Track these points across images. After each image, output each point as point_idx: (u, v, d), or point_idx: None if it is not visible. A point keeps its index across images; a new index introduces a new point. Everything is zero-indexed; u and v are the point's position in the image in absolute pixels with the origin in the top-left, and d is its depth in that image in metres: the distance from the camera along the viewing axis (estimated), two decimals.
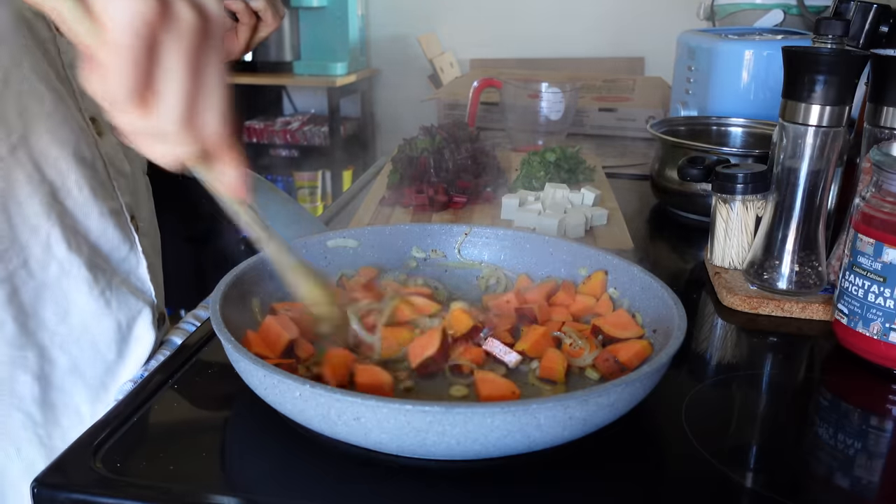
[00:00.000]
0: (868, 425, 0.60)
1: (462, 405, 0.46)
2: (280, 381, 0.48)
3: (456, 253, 0.76)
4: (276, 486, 0.49)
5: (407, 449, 0.48)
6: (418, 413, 0.45)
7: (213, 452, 0.53)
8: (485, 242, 0.76)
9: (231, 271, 0.63)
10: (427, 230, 0.76)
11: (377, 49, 3.46)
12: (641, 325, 0.64)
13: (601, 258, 0.70)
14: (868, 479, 0.53)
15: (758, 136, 1.13)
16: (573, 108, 1.45)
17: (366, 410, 0.46)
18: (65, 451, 0.51)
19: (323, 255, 0.72)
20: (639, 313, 0.65)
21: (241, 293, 0.62)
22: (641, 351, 0.59)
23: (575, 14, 3.26)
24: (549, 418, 0.47)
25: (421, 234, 0.76)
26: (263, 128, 3.26)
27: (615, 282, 0.69)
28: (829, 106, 0.71)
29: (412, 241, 0.76)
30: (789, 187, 0.75)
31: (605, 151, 1.49)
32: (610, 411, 0.50)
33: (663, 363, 0.52)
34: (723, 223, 0.83)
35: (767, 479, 0.51)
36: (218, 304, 0.57)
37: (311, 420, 0.49)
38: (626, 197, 1.12)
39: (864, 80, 0.75)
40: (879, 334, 0.64)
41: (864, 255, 0.64)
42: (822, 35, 0.71)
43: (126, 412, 0.55)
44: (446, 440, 0.46)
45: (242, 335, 0.58)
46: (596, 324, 0.64)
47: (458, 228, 0.77)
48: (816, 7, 1.48)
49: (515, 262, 0.75)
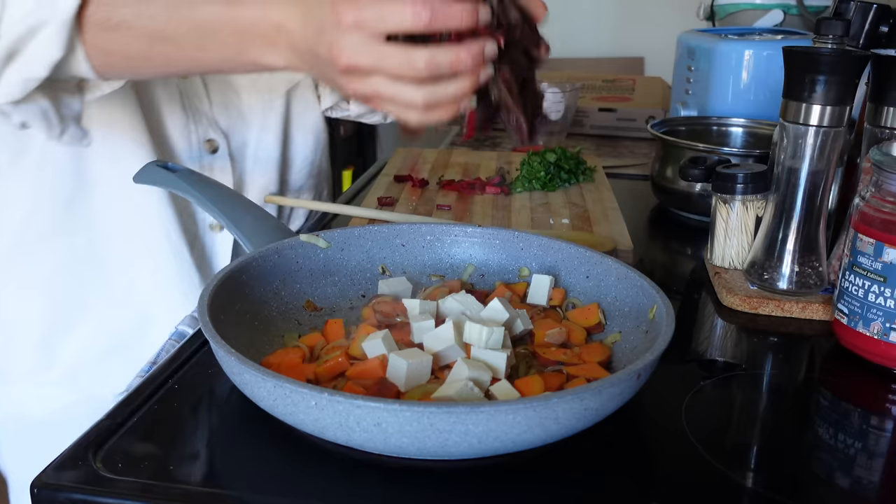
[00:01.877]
0: (868, 425, 0.60)
1: (485, 404, 0.46)
2: (293, 390, 0.47)
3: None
4: (277, 485, 0.49)
5: (428, 451, 0.47)
6: (443, 414, 0.45)
7: (214, 452, 0.53)
8: (452, 241, 0.75)
9: (212, 279, 0.61)
10: (396, 230, 0.75)
11: None
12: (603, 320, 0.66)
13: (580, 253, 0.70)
14: (868, 479, 0.53)
15: (758, 136, 1.13)
16: (573, 108, 1.45)
17: (388, 415, 0.45)
18: (65, 451, 0.51)
19: (294, 260, 0.70)
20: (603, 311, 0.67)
21: (225, 301, 0.61)
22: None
23: (575, 14, 3.26)
24: (567, 411, 0.47)
25: (389, 235, 0.74)
26: None
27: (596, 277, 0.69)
28: (829, 106, 0.71)
29: (381, 242, 0.74)
30: (790, 187, 0.75)
31: (605, 151, 1.49)
32: (619, 400, 0.51)
33: (661, 349, 0.53)
34: (723, 223, 0.83)
35: (767, 479, 0.52)
36: (206, 315, 0.55)
37: (325, 429, 0.48)
38: (626, 197, 1.12)
39: (865, 80, 0.75)
40: (879, 334, 0.64)
41: (864, 254, 0.64)
42: (823, 35, 0.71)
43: (126, 412, 0.55)
44: (468, 440, 0.46)
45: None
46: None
47: (427, 228, 0.75)
48: (816, 7, 1.48)
49: (487, 258, 0.74)
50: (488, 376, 0.54)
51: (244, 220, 0.73)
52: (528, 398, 0.47)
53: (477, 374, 0.54)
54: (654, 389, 0.55)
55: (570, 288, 0.70)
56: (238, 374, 0.51)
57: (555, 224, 0.96)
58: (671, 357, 0.55)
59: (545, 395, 0.47)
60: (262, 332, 0.63)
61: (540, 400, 0.47)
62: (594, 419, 0.50)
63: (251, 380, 0.49)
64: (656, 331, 0.57)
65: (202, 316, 0.55)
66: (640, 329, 0.62)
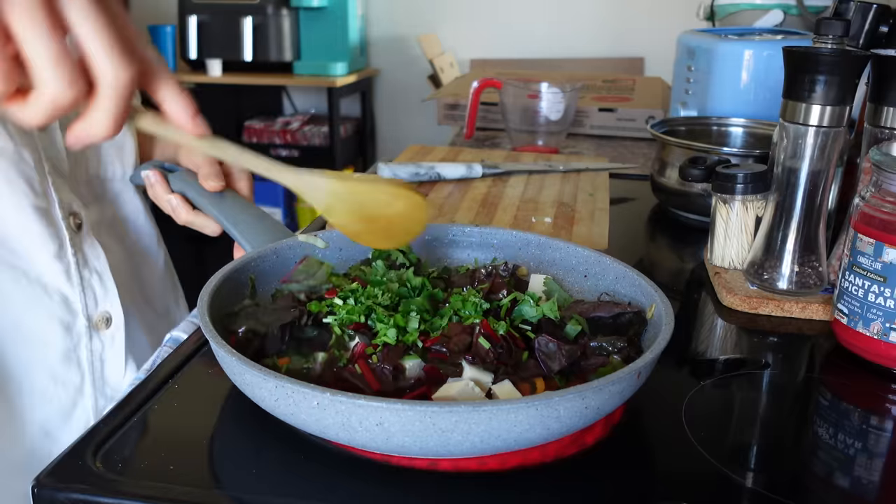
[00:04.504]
0: (868, 425, 0.60)
1: (487, 403, 0.46)
2: (296, 390, 0.47)
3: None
4: (277, 485, 0.49)
5: (430, 450, 0.48)
6: (445, 413, 0.45)
7: (214, 452, 0.53)
8: (450, 240, 0.75)
9: (209, 282, 0.61)
10: None
11: (377, 49, 3.46)
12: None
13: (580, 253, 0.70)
14: (868, 479, 0.53)
15: (758, 136, 1.13)
16: (573, 108, 1.45)
17: (390, 415, 0.45)
18: (65, 451, 0.51)
19: (293, 260, 0.70)
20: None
21: (225, 301, 0.61)
22: None
23: (575, 14, 3.26)
24: (568, 409, 0.47)
25: None
26: (263, 128, 3.26)
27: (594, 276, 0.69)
28: (829, 106, 0.71)
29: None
30: (789, 187, 0.75)
31: (605, 151, 1.49)
32: (620, 398, 0.51)
33: (661, 348, 0.53)
34: (723, 223, 0.83)
35: (767, 479, 0.52)
36: (206, 314, 0.55)
37: (328, 429, 0.48)
38: (626, 197, 1.12)
39: (865, 80, 0.75)
40: (879, 334, 0.64)
41: (864, 255, 0.64)
42: (823, 35, 0.71)
43: (126, 412, 0.55)
44: (471, 438, 0.46)
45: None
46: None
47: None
48: (816, 7, 1.49)
49: (485, 258, 0.74)
50: (490, 377, 0.54)
51: (242, 220, 0.73)
52: (530, 397, 0.47)
53: (478, 375, 0.54)
54: (655, 389, 0.55)
55: (568, 287, 0.70)
56: (239, 374, 0.51)
57: (536, 223, 0.97)
58: (671, 357, 0.55)
59: (546, 394, 0.47)
60: None
61: (541, 398, 0.47)
62: (595, 417, 0.50)
63: (252, 380, 0.49)
64: (656, 329, 0.58)
65: (202, 316, 0.55)
66: None
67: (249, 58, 3.02)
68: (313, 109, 3.49)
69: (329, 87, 3.06)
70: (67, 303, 0.76)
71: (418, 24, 3.32)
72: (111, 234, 0.85)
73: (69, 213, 0.76)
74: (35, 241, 0.73)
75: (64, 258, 0.75)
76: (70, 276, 0.75)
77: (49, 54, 0.43)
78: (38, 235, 0.73)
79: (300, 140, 3.23)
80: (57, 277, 0.74)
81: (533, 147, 1.44)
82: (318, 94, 3.39)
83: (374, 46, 3.45)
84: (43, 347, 0.75)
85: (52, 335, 0.75)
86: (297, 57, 3.12)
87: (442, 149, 1.32)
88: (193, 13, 2.99)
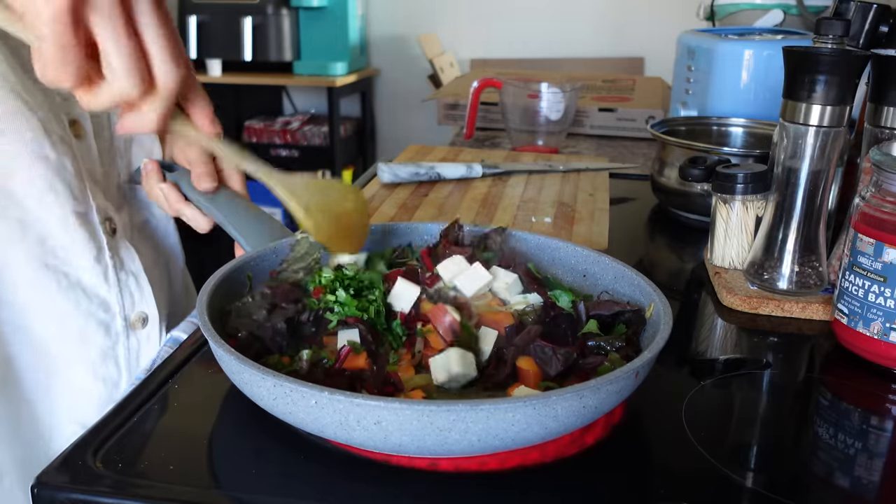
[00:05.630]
0: (868, 425, 0.60)
1: (486, 401, 0.46)
2: (293, 389, 0.47)
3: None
4: (277, 485, 0.49)
5: (427, 449, 0.48)
6: (443, 412, 0.45)
7: (214, 452, 0.53)
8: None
9: (209, 281, 0.61)
10: (393, 230, 0.75)
11: (377, 49, 3.46)
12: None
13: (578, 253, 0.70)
14: (868, 479, 0.53)
15: (758, 136, 1.13)
16: (573, 108, 1.45)
17: (388, 414, 0.45)
18: (65, 451, 0.51)
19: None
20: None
21: (224, 301, 0.61)
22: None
23: (575, 14, 3.26)
24: (566, 408, 0.47)
25: (387, 234, 0.74)
26: (263, 128, 3.26)
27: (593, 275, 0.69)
28: (829, 106, 0.71)
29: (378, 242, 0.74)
30: (790, 187, 0.75)
31: (605, 151, 1.49)
32: (618, 397, 0.51)
33: (659, 347, 0.53)
34: (723, 223, 0.83)
35: (767, 479, 0.51)
36: (206, 314, 0.55)
37: (325, 428, 0.48)
38: (626, 197, 1.12)
39: (865, 80, 0.75)
40: (879, 334, 0.64)
41: (864, 255, 0.64)
42: (823, 35, 0.71)
43: (126, 412, 0.55)
44: (468, 437, 0.46)
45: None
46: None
47: (424, 228, 0.74)
48: (816, 7, 1.48)
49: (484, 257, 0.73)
50: (473, 370, 0.55)
51: (242, 219, 0.73)
52: (528, 396, 0.47)
53: (463, 371, 0.54)
54: (655, 389, 0.55)
55: (567, 286, 0.70)
56: (237, 373, 0.51)
57: (536, 222, 0.97)
58: (672, 357, 0.55)
59: (544, 393, 0.47)
60: None
61: (539, 397, 0.47)
62: (593, 416, 0.50)
63: (251, 379, 0.49)
64: (654, 329, 0.58)
65: (201, 315, 0.55)
66: None
67: (249, 58, 3.03)
68: (313, 109, 3.49)
69: (329, 86, 3.06)
70: (106, 304, 0.78)
71: (418, 23, 3.32)
72: (141, 238, 0.87)
73: (105, 218, 0.78)
74: (77, 245, 0.75)
75: (102, 261, 0.77)
76: (108, 278, 0.77)
77: (125, 54, 0.50)
78: (80, 240, 0.75)
79: (300, 140, 3.23)
80: (96, 280, 0.76)
81: (533, 147, 1.44)
82: (318, 93, 3.39)
83: (374, 46, 3.45)
84: (84, 346, 0.77)
85: (92, 335, 0.77)
86: (296, 57, 3.12)
87: (442, 149, 1.32)
88: (193, 13, 2.99)
